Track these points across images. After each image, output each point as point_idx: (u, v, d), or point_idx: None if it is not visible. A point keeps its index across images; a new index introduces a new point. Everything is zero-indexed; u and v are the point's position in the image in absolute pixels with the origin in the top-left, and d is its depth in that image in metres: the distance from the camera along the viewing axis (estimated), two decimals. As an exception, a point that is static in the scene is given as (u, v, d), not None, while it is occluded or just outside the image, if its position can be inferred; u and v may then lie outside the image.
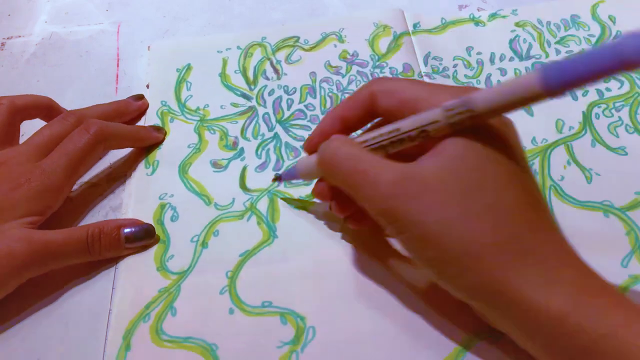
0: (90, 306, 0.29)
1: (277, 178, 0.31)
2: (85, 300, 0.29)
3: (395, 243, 0.29)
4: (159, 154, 0.35)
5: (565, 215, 0.30)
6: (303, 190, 0.33)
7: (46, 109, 0.34)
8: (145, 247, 0.31)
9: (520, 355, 0.24)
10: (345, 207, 0.27)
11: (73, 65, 0.41)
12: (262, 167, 0.34)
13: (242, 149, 0.35)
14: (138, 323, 0.28)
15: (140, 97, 0.37)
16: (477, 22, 0.41)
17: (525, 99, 0.20)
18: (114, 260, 0.30)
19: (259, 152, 0.35)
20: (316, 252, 0.30)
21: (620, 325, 0.19)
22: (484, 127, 0.22)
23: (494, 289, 0.21)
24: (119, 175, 0.35)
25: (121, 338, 0.28)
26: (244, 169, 0.34)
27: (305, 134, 0.36)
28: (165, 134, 0.36)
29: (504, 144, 0.22)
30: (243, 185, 0.33)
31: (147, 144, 0.35)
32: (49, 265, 0.28)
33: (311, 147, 0.28)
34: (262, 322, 0.28)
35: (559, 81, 0.18)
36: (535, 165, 0.33)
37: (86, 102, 0.36)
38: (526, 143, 0.34)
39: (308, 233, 0.31)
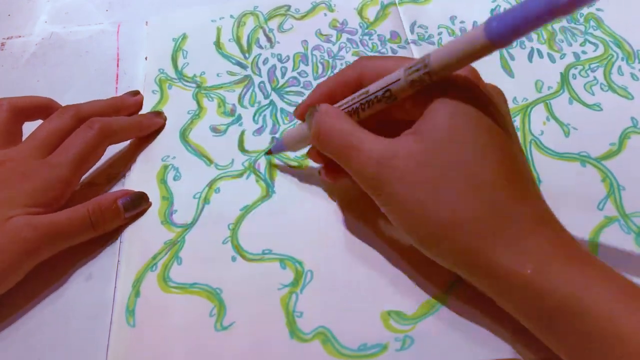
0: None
1: (268, 152, 0.33)
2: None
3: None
4: (160, 119, 0.37)
5: (545, 166, 0.33)
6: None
7: (47, 109, 0.34)
8: (141, 214, 0.32)
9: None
10: (334, 174, 0.29)
11: (73, 65, 0.41)
12: (259, 131, 0.36)
13: (239, 115, 0.37)
14: (146, 272, 0.30)
15: (136, 93, 0.38)
16: (460, -8, 0.43)
17: (474, 52, 0.21)
18: (116, 232, 0.31)
19: (256, 118, 0.36)
20: (312, 205, 0.32)
21: (581, 288, 0.21)
22: (469, 96, 0.23)
23: (469, 258, 0.23)
24: (118, 174, 0.35)
25: (130, 286, 0.29)
26: (242, 133, 0.36)
27: (300, 100, 0.37)
28: (165, 118, 0.37)
29: (489, 112, 0.23)
30: (242, 148, 0.35)
31: (150, 131, 0.36)
32: (57, 245, 0.29)
33: (301, 115, 0.30)
34: (262, 267, 0.30)
35: (501, 31, 0.20)
36: (517, 122, 0.35)
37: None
38: (508, 102, 0.36)
39: (304, 188, 0.33)
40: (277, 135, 0.34)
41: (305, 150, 0.31)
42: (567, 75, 0.37)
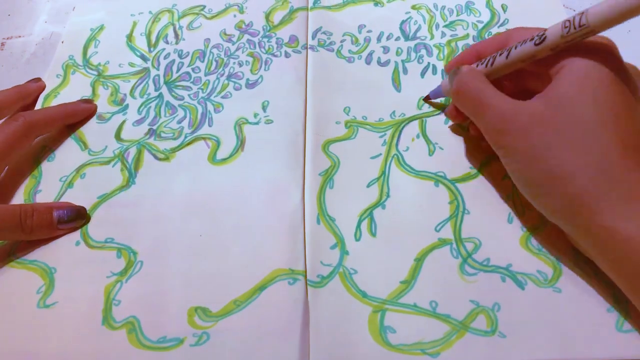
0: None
1: (426, 97, 0.36)
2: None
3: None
4: (54, 102, 0.38)
5: (399, 182, 0.32)
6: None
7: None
8: (76, 228, 0.32)
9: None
10: (460, 114, 0.32)
11: (72, 65, 0.42)
12: (139, 121, 0.37)
13: (127, 105, 0.38)
14: (-7, 245, 0.31)
15: (38, 80, 0.39)
16: (376, 3, 0.43)
17: (634, 8, 0.22)
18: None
19: (140, 109, 0.38)
20: (165, 201, 0.33)
21: None
22: (604, 60, 0.25)
23: (574, 212, 0.25)
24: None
25: (-24, 258, 0.31)
26: (123, 122, 0.37)
27: (186, 94, 0.38)
28: (96, 105, 0.38)
29: (620, 79, 0.25)
30: (117, 136, 0.36)
31: (79, 118, 0.37)
32: None
33: (450, 68, 0.33)
34: (100, 255, 0.31)
35: None
36: (387, 136, 0.35)
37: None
38: (385, 116, 0.36)
39: (164, 183, 0.33)
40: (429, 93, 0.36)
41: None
42: (453, 94, 0.36)
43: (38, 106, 0.38)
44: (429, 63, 0.39)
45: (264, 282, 0.29)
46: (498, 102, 0.27)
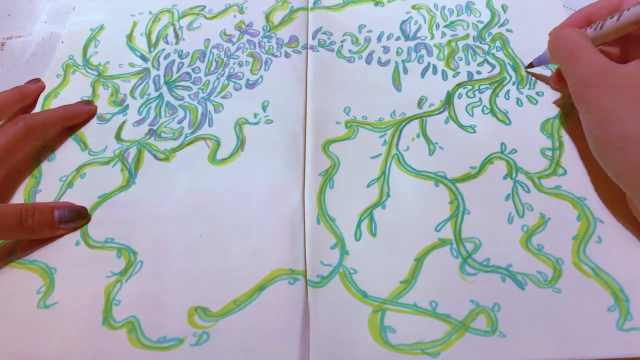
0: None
1: (530, 64, 0.37)
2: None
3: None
4: (54, 102, 0.38)
5: (399, 182, 0.32)
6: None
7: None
8: (77, 228, 0.32)
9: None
10: (562, 82, 0.33)
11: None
12: (139, 122, 0.37)
13: (127, 106, 0.38)
14: (-7, 245, 0.31)
15: (38, 81, 0.39)
16: (377, 3, 0.43)
17: None
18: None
19: (140, 110, 0.38)
20: (166, 201, 0.33)
21: None
22: None
23: (637, 172, 0.26)
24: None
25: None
26: (123, 122, 0.37)
27: (186, 94, 0.38)
28: (96, 106, 0.38)
29: None
30: (118, 136, 0.36)
31: (79, 120, 0.37)
32: None
33: (555, 31, 0.33)
34: (101, 254, 0.31)
35: None
36: (387, 135, 0.35)
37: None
38: (385, 116, 0.36)
39: (164, 183, 0.33)
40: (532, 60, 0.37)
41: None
42: (453, 94, 0.37)
43: (38, 106, 0.38)
44: (429, 63, 0.39)
45: (264, 282, 0.29)
46: (594, 55, 0.28)
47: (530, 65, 0.37)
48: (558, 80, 0.34)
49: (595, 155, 0.29)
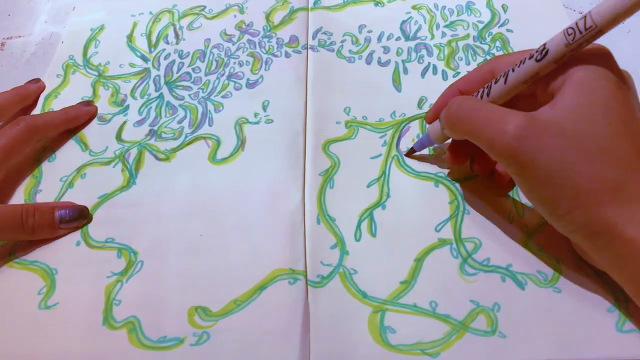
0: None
1: (411, 150, 0.33)
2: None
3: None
4: (54, 103, 0.38)
5: (399, 182, 0.32)
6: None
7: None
8: (78, 227, 0.32)
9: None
10: (459, 157, 0.30)
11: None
12: (140, 122, 0.37)
13: (127, 106, 0.38)
14: (-6, 246, 0.31)
15: (38, 81, 0.39)
16: (377, 3, 0.43)
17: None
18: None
19: (141, 110, 0.38)
20: (166, 201, 0.33)
21: None
22: (607, 70, 0.24)
23: (598, 226, 0.24)
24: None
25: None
26: (124, 123, 0.37)
27: (186, 94, 0.38)
28: (96, 107, 0.38)
29: (625, 88, 0.24)
30: (118, 137, 0.36)
31: (81, 121, 0.37)
32: None
33: (432, 116, 0.31)
34: (101, 254, 0.31)
35: None
36: (387, 136, 0.35)
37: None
38: (385, 116, 0.36)
39: (164, 183, 0.33)
40: (413, 145, 0.33)
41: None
42: (453, 94, 0.36)
43: (38, 106, 0.38)
44: (429, 63, 0.39)
45: (264, 281, 0.29)
46: (502, 114, 0.25)
47: (412, 151, 0.33)
48: (455, 158, 0.30)
49: (543, 214, 0.26)
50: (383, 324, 0.27)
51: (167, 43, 0.41)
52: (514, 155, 0.24)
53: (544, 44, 0.25)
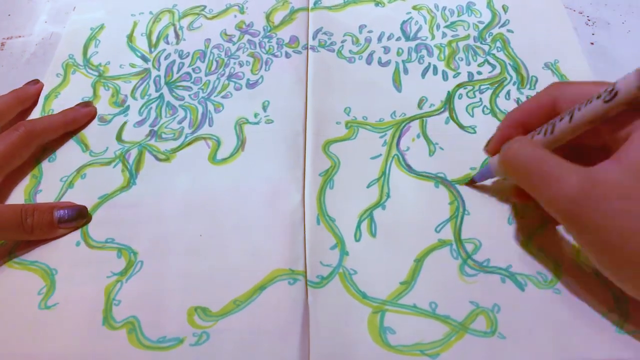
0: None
1: (471, 181, 0.32)
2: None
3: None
4: (54, 103, 0.39)
5: (399, 183, 0.32)
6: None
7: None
8: (77, 227, 0.32)
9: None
10: (524, 197, 0.28)
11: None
12: (140, 122, 0.37)
13: (128, 107, 0.38)
14: (-7, 246, 0.31)
15: (37, 82, 0.39)
16: (377, 3, 0.43)
17: None
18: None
19: (141, 111, 0.38)
20: (166, 202, 0.33)
21: None
22: None
23: None
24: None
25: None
26: (124, 123, 0.37)
27: (187, 94, 0.38)
28: (95, 108, 0.38)
29: None
30: (119, 137, 0.36)
31: (81, 123, 0.37)
32: None
33: (493, 149, 0.29)
34: (101, 254, 0.31)
35: None
36: (387, 136, 0.35)
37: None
38: (385, 116, 0.36)
39: (164, 183, 0.33)
40: (473, 176, 0.32)
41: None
42: (453, 94, 0.37)
43: (39, 106, 0.38)
44: (429, 63, 0.39)
45: (264, 282, 0.29)
46: (563, 170, 0.23)
47: (472, 182, 0.32)
48: (521, 196, 0.29)
49: (611, 279, 0.24)
50: (383, 324, 0.27)
51: (168, 43, 0.41)
52: (572, 218, 0.23)
53: (614, 84, 0.22)
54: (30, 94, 0.38)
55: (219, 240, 0.30)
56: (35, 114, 0.38)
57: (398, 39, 0.40)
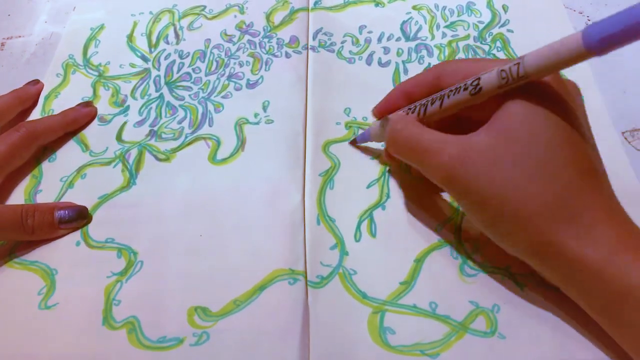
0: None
1: (353, 141, 0.34)
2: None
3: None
4: (55, 102, 0.39)
5: (400, 183, 0.32)
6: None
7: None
8: (78, 228, 0.32)
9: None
10: (394, 159, 0.31)
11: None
12: (140, 122, 0.37)
13: (128, 107, 0.38)
14: (-6, 246, 0.31)
15: (37, 82, 0.39)
16: (377, 3, 0.43)
17: (570, 59, 0.21)
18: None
19: (141, 111, 0.38)
20: (166, 201, 0.33)
21: None
22: (545, 97, 0.24)
23: (542, 248, 0.24)
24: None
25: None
26: (124, 123, 0.37)
27: (187, 95, 0.38)
28: (96, 108, 0.38)
29: (563, 112, 0.24)
30: (119, 137, 0.36)
31: (81, 123, 0.37)
32: None
33: (378, 113, 0.32)
34: (101, 254, 0.31)
35: (598, 39, 0.20)
36: (387, 136, 0.35)
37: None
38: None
39: (164, 183, 0.34)
40: (355, 137, 0.34)
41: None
42: (453, 94, 0.37)
43: (39, 106, 0.38)
44: (429, 64, 0.39)
45: (264, 282, 0.29)
46: (439, 143, 0.26)
47: (354, 142, 0.34)
48: (391, 159, 0.31)
49: (490, 237, 0.26)
50: (383, 324, 0.27)
51: (168, 43, 0.41)
52: (452, 182, 0.25)
53: (479, 79, 0.25)
54: (30, 94, 0.38)
55: (219, 240, 0.31)
56: (36, 114, 0.38)
57: (398, 39, 0.40)
